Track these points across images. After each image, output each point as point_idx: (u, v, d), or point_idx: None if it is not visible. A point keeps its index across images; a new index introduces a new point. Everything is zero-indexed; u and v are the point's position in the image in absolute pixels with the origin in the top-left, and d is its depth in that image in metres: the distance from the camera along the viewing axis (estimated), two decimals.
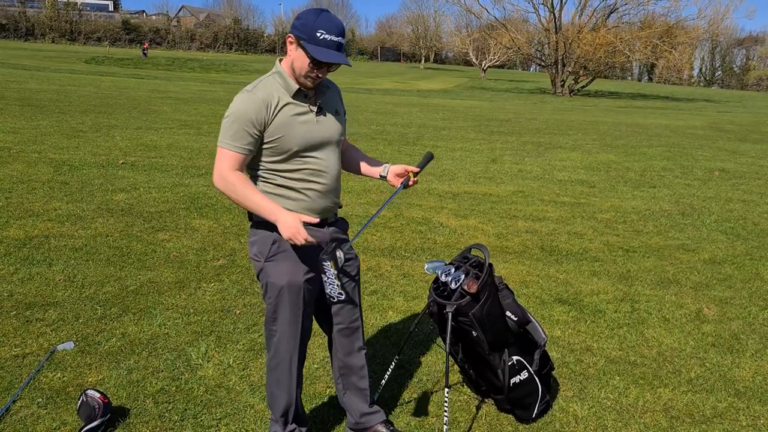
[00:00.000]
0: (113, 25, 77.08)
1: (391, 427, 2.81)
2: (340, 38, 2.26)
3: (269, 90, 2.31)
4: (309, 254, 2.44)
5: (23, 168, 7.54)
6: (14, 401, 2.89)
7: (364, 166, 2.74)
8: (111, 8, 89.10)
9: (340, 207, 2.63)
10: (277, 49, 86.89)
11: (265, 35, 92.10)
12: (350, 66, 2.43)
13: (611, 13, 43.22)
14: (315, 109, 2.40)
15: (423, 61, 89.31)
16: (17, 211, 5.82)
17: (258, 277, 2.51)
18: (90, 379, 3.13)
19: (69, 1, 73.35)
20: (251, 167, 2.41)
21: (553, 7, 42.43)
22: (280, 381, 2.55)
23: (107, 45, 66.23)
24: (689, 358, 3.77)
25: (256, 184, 2.43)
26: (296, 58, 2.28)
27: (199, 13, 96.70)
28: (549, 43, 44.12)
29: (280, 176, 2.39)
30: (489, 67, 62.45)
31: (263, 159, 2.37)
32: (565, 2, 45.01)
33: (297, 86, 2.34)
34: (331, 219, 2.56)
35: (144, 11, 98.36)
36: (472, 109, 22.63)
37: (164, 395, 3.04)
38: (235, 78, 34.23)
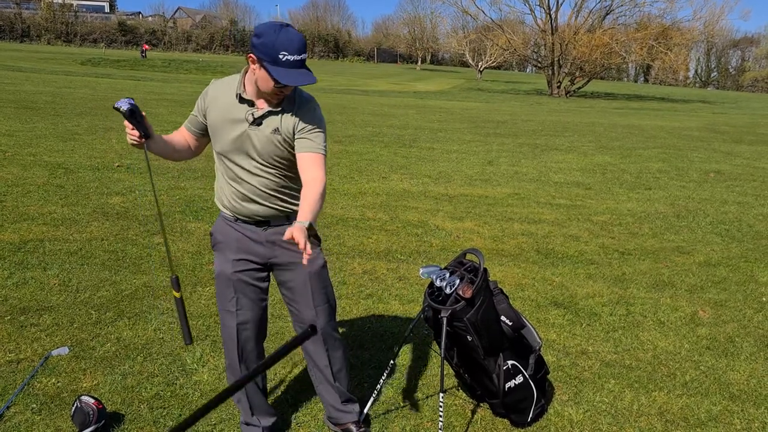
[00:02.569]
0: (109, 27, 76.96)
1: (363, 429, 2.85)
2: (303, 55, 2.25)
3: (224, 85, 2.47)
4: (242, 248, 2.54)
5: (18, 171, 7.52)
6: (8, 407, 2.88)
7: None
8: (107, 9, 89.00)
9: (293, 212, 2.53)
10: None
11: None
12: (315, 83, 2.32)
13: (607, 14, 43.35)
14: (251, 119, 2.38)
15: (419, 62, 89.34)
16: (12, 214, 5.81)
17: None
18: (84, 385, 3.12)
19: (65, 3, 73.21)
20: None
21: (549, 8, 42.51)
22: (228, 370, 2.72)
23: (103, 46, 66.11)
24: (684, 361, 3.78)
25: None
26: (260, 78, 2.28)
27: (195, 14, 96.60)
28: (545, 44, 44.22)
29: (219, 171, 2.54)
30: (485, 68, 62.48)
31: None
32: (562, 4, 45.14)
33: (239, 92, 2.39)
34: (275, 222, 2.52)
35: (140, 12, 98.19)
36: (468, 111, 22.65)
37: (159, 400, 3.04)
38: None
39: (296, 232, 2.06)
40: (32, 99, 15.37)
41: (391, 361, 3.11)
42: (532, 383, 2.97)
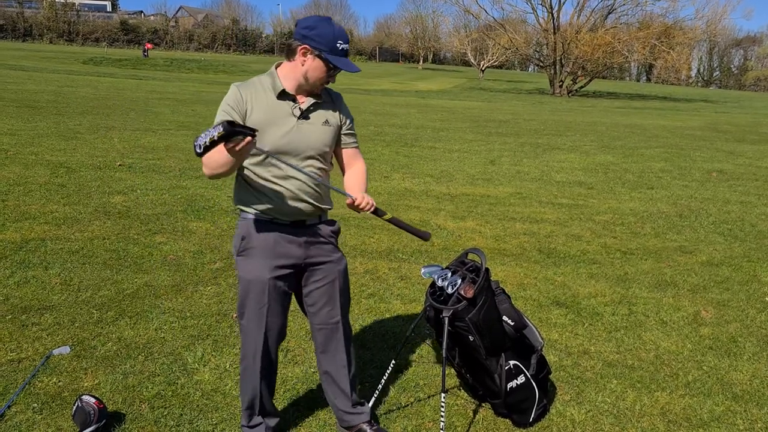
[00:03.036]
0: (111, 26, 77.01)
1: (375, 427, 2.83)
2: (348, 45, 2.40)
3: (255, 86, 2.41)
4: (279, 251, 2.49)
5: (20, 170, 7.53)
6: (9, 406, 2.88)
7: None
8: (109, 8, 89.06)
9: (330, 208, 2.62)
10: (275, 49, 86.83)
11: (263, 36, 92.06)
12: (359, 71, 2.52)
13: (609, 13, 43.27)
14: (298, 114, 2.42)
15: (421, 61, 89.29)
16: (14, 213, 5.81)
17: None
18: (86, 384, 3.12)
19: (67, 2, 73.30)
20: None
21: (551, 7, 42.46)
22: (246, 374, 2.63)
23: (105, 45, 66.17)
24: (687, 361, 3.76)
25: (237, 179, 2.51)
26: (313, 68, 2.34)
27: (197, 13, 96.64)
28: (547, 43, 44.15)
29: (253, 174, 2.44)
30: (487, 67, 62.41)
31: None
32: (564, 3, 44.98)
33: (281, 87, 2.38)
34: (311, 221, 2.56)
35: (142, 12, 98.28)
36: (470, 110, 22.64)
37: (160, 400, 3.03)
38: (233, 79, 34.18)
39: (360, 194, 2.47)
40: (34, 98, 15.39)
41: (393, 361, 3.10)
42: (534, 383, 2.96)
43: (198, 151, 2.11)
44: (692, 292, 4.96)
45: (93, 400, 2.74)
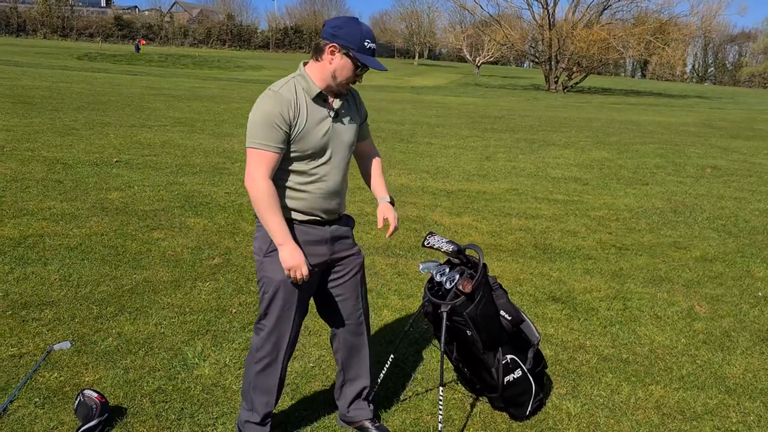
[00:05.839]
0: (106, 21, 76.69)
1: (377, 423, 2.87)
2: (375, 44, 2.44)
3: (293, 91, 2.40)
4: (309, 251, 2.50)
5: (16, 166, 7.52)
6: (11, 401, 2.91)
7: (371, 183, 2.84)
8: (103, 4, 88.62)
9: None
10: (270, 45, 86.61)
11: (258, 31, 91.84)
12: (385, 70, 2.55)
13: (605, 9, 43.39)
14: (332, 114, 2.46)
15: (417, 57, 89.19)
16: (11, 209, 5.82)
17: (258, 273, 2.57)
18: (87, 379, 3.15)
19: None
20: None
21: (546, 3, 42.50)
22: (266, 371, 2.63)
23: (99, 41, 65.88)
24: (681, 356, 3.81)
25: None
26: (340, 66, 2.37)
27: (192, 8, 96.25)
28: (543, 39, 44.20)
29: (286, 175, 2.45)
30: (483, 63, 62.44)
31: None
32: None
33: (318, 89, 2.41)
34: (334, 219, 2.62)
35: (137, 7, 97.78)
36: (465, 106, 22.67)
37: (161, 394, 3.06)
38: (228, 74, 34.15)
39: (391, 212, 2.71)
40: (29, 94, 15.34)
41: (391, 356, 3.14)
42: (530, 377, 3.00)
43: (424, 244, 2.74)
44: (686, 287, 5.01)
45: (95, 394, 2.77)
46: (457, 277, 2.79)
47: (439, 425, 2.72)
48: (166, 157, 8.82)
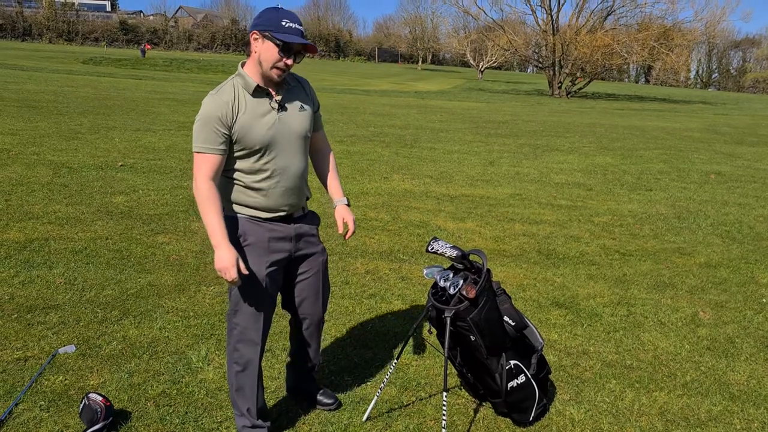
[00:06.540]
0: (111, 26, 77.10)
1: (323, 389, 3.08)
2: (301, 27, 2.43)
3: (232, 91, 2.43)
4: (273, 247, 2.56)
5: (22, 170, 7.56)
6: (17, 404, 2.92)
7: (328, 185, 2.87)
8: (108, 8, 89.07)
9: (308, 198, 2.74)
10: None
11: None
12: (317, 51, 2.56)
13: (608, 15, 43.36)
14: (276, 106, 2.48)
15: (420, 62, 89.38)
16: (17, 213, 5.84)
17: None
18: (91, 382, 3.16)
19: (66, 2, 73.32)
20: None
21: (550, 9, 42.56)
22: (247, 371, 2.65)
23: (104, 45, 66.14)
24: (684, 362, 3.81)
25: (223, 182, 2.52)
26: (263, 50, 2.38)
27: (196, 13, 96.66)
28: (546, 44, 44.22)
29: (242, 174, 2.48)
30: (486, 68, 62.54)
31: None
32: (563, 4, 45.12)
33: (255, 83, 2.43)
34: (297, 214, 2.66)
35: (141, 11, 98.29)
36: (469, 111, 22.68)
37: (165, 398, 3.07)
38: None
39: (350, 215, 2.78)
40: (35, 98, 15.41)
41: (395, 361, 3.14)
42: (534, 383, 3.01)
43: (428, 249, 2.75)
44: (690, 293, 5.00)
45: (100, 398, 2.78)
46: (461, 282, 2.80)
47: (443, 430, 2.72)
48: (171, 161, 8.85)
